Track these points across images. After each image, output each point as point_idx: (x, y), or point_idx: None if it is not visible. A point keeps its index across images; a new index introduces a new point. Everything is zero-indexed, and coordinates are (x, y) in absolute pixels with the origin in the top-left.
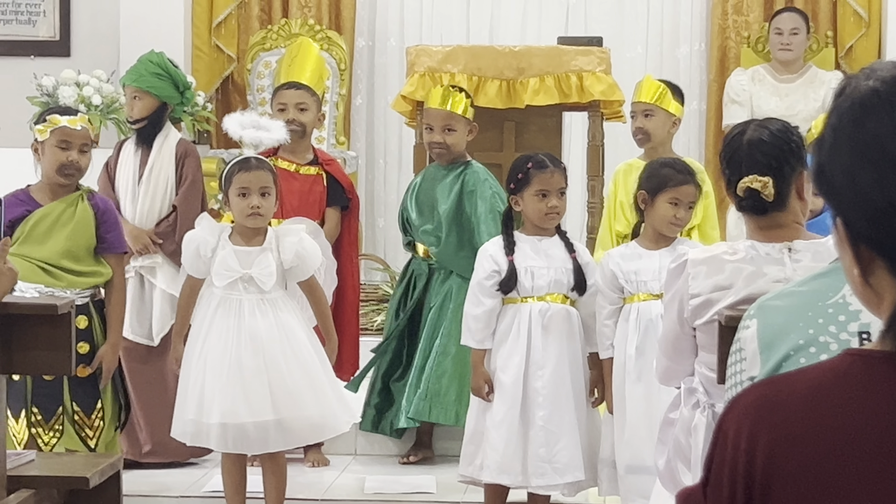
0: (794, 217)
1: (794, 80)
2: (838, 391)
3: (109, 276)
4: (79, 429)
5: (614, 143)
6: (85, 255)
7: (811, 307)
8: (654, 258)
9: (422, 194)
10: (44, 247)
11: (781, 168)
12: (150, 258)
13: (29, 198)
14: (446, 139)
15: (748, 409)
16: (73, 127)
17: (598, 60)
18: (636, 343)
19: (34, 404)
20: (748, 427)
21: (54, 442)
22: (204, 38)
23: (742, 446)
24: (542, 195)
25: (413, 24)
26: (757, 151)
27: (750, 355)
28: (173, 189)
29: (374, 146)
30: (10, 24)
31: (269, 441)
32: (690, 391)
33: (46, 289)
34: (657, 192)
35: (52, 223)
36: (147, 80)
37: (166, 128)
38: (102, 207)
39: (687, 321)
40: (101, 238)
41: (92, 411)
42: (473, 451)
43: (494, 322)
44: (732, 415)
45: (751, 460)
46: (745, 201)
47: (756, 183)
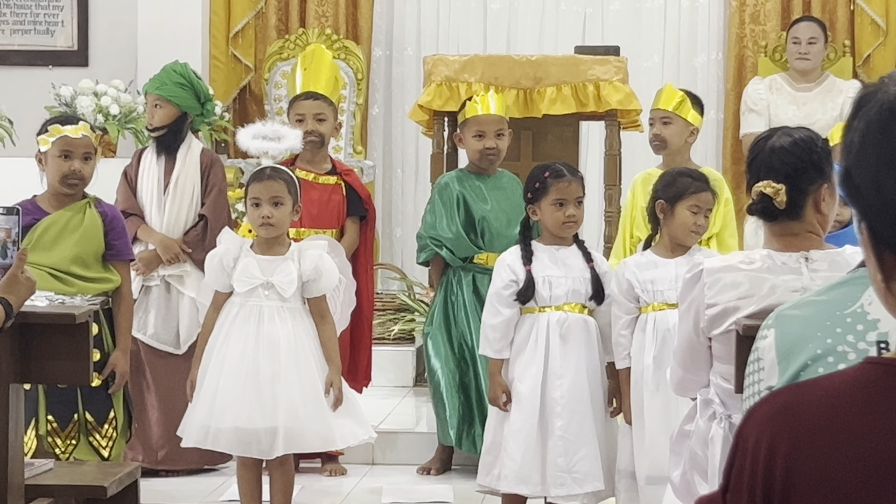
0: (809, 227)
1: (812, 88)
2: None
3: (118, 282)
4: (91, 438)
5: (631, 152)
6: (93, 262)
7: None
8: (671, 267)
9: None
10: (52, 253)
11: (798, 177)
12: (178, 267)
13: (36, 207)
14: (499, 144)
15: (768, 417)
16: (75, 136)
17: (616, 70)
18: (653, 353)
19: (49, 412)
20: (768, 435)
21: (70, 450)
22: (221, 48)
23: (762, 454)
24: (559, 204)
25: (430, 33)
26: (776, 158)
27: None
28: (199, 198)
29: (391, 155)
30: (29, 34)
31: (278, 446)
32: (706, 402)
33: (57, 296)
34: (677, 201)
35: (59, 230)
36: (170, 88)
37: (189, 138)
38: (110, 215)
39: (703, 331)
40: (110, 245)
41: (104, 420)
42: (491, 461)
43: (512, 332)
44: (752, 422)
45: (770, 468)
46: (755, 205)
47: (769, 189)
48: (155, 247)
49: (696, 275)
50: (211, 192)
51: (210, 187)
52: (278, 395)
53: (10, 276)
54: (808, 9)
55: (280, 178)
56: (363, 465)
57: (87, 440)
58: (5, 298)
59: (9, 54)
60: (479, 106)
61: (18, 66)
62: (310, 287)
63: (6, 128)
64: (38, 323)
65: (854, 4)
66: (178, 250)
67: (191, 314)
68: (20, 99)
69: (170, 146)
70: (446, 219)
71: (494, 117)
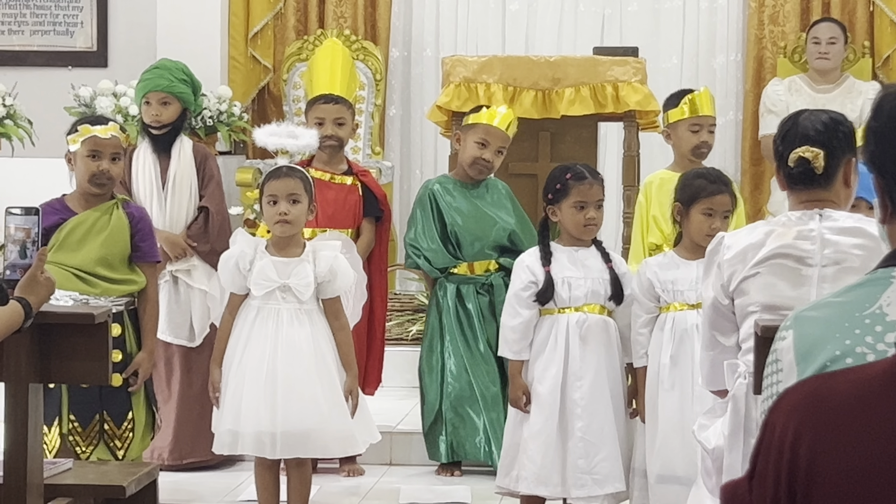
0: (834, 197)
1: (832, 90)
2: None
3: (143, 284)
4: (108, 439)
5: (650, 153)
6: (119, 264)
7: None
8: (692, 268)
9: (464, 213)
10: (78, 254)
11: (832, 144)
12: (185, 261)
13: (64, 206)
14: (495, 161)
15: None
16: (104, 136)
17: (634, 71)
18: (671, 352)
19: (71, 412)
20: (794, 424)
21: (91, 450)
22: (240, 49)
23: (787, 442)
24: (580, 207)
25: (448, 34)
26: (810, 127)
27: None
28: (197, 192)
29: (409, 156)
30: (49, 35)
31: (297, 448)
32: (732, 367)
33: (81, 296)
34: (691, 204)
35: (86, 231)
36: (178, 86)
37: (181, 134)
38: (138, 216)
39: (723, 289)
40: (136, 247)
41: (123, 421)
42: (510, 462)
43: (532, 333)
44: (780, 409)
45: (794, 457)
46: (794, 170)
47: (808, 153)
48: (160, 245)
49: (718, 241)
50: (208, 184)
51: (207, 180)
52: (299, 399)
53: (29, 276)
54: (827, 10)
55: (296, 176)
56: (381, 466)
57: (104, 441)
58: (25, 298)
59: (28, 55)
60: (494, 117)
61: (38, 66)
62: (325, 288)
63: (26, 128)
64: (58, 323)
65: (874, 5)
66: (185, 245)
67: (202, 306)
68: (40, 99)
69: (168, 143)
70: (425, 229)
71: (502, 133)
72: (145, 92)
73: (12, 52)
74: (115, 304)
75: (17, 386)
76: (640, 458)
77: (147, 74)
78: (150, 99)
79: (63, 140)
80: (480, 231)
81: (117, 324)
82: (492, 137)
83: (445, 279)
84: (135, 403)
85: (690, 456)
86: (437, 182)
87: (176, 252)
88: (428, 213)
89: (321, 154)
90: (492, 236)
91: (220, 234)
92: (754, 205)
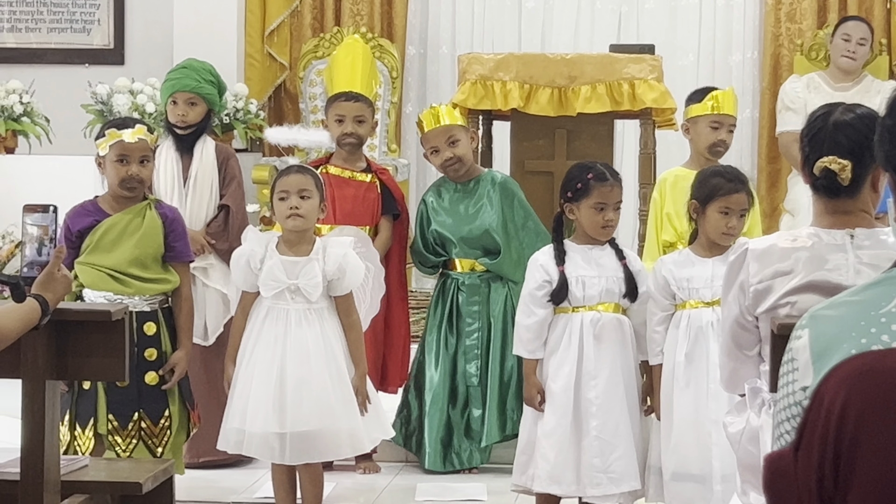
0: (862, 206)
1: (850, 88)
2: None
3: (177, 283)
4: (145, 436)
5: (666, 150)
6: (152, 263)
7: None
8: (707, 266)
9: (451, 213)
10: (112, 255)
11: (862, 154)
12: (203, 259)
13: (97, 208)
14: (455, 152)
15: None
16: (131, 141)
17: (651, 68)
18: (686, 350)
19: (109, 411)
20: (844, 394)
21: (132, 449)
22: (257, 47)
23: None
24: (599, 208)
25: (465, 31)
26: (841, 134)
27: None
28: (218, 191)
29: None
30: (65, 32)
31: (305, 453)
32: (755, 391)
33: (115, 296)
34: (708, 202)
35: (119, 233)
36: (205, 87)
37: (204, 133)
38: (171, 217)
39: (748, 309)
40: (169, 247)
41: (159, 419)
42: (526, 460)
43: (546, 332)
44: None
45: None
46: (819, 181)
47: (835, 165)
48: None
49: (741, 255)
50: (230, 184)
51: (228, 180)
52: (307, 401)
53: (46, 274)
54: (844, 7)
55: (307, 173)
56: (397, 463)
57: (142, 439)
58: (42, 296)
59: (46, 52)
60: (424, 123)
61: (55, 64)
62: (335, 285)
63: (43, 125)
64: (75, 320)
65: (891, 3)
66: (203, 242)
67: (217, 306)
68: (57, 97)
69: (191, 143)
70: (416, 232)
71: (440, 129)
72: (172, 92)
73: (30, 50)
74: (149, 302)
75: (34, 383)
76: (656, 455)
77: (174, 74)
78: (176, 99)
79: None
80: (459, 229)
81: (152, 322)
82: (435, 141)
83: (441, 276)
84: (170, 401)
85: (705, 454)
86: (431, 188)
87: (195, 248)
88: (419, 220)
89: (340, 151)
90: (469, 235)
91: (240, 233)
92: (771, 203)
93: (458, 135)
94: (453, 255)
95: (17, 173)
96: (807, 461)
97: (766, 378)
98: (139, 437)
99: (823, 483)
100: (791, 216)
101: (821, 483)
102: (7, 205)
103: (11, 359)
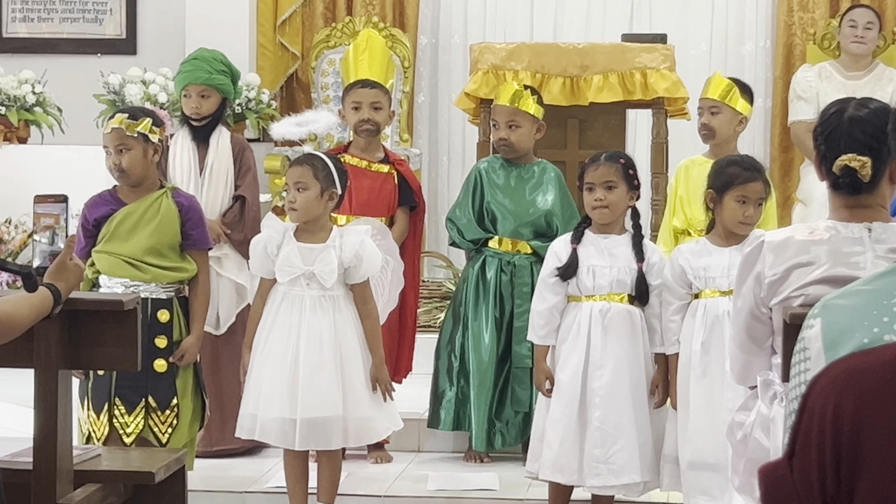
0: (880, 200)
1: (862, 76)
2: None
3: (194, 271)
4: (152, 424)
5: (678, 140)
6: (169, 252)
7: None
8: (724, 255)
9: (508, 191)
10: (128, 244)
11: (880, 148)
12: (218, 249)
13: (114, 197)
14: (510, 136)
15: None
16: (106, 132)
17: (663, 57)
18: (702, 339)
19: (117, 396)
20: (834, 397)
21: (137, 431)
22: (269, 36)
23: (828, 416)
24: (588, 189)
25: (477, 21)
26: (857, 129)
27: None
28: (233, 182)
29: (437, 144)
30: (78, 22)
31: (314, 439)
32: (767, 384)
33: (132, 282)
34: (724, 191)
35: (136, 221)
36: (217, 78)
37: (220, 124)
38: (187, 205)
39: (763, 301)
40: (186, 235)
41: (167, 407)
42: (539, 447)
43: (558, 319)
44: (818, 388)
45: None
46: (840, 179)
47: (855, 162)
48: None
49: (757, 247)
50: (245, 175)
51: (244, 171)
52: (317, 388)
53: (58, 263)
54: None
55: (308, 163)
56: (409, 453)
57: (149, 425)
58: (54, 285)
59: (58, 42)
60: (498, 95)
61: (67, 54)
62: (351, 273)
63: (55, 115)
64: (87, 310)
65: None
66: (219, 231)
67: (230, 296)
68: (69, 87)
69: (207, 133)
70: (464, 203)
71: (507, 108)
72: (184, 84)
73: (42, 40)
74: (166, 290)
75: (46, 372)
76: (671, 445)
77: (186, 66)
78: (189, 92)
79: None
80: (516, 208)
81: (165, 310)
82: (498, 116)
83: (477, 252)
84: (181, 390)
85: (721, 443)
86: (486, 160)
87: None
88: (470, 189)
89: (358, 140)
90: (527, 214)
91: (255, 224)
92: (784, 192)
93: (521, 122)
94: (499, 233)
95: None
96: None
97: (777, 371)
98: (146, 422)
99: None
100: (804, 206)
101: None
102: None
103: (24, 348)
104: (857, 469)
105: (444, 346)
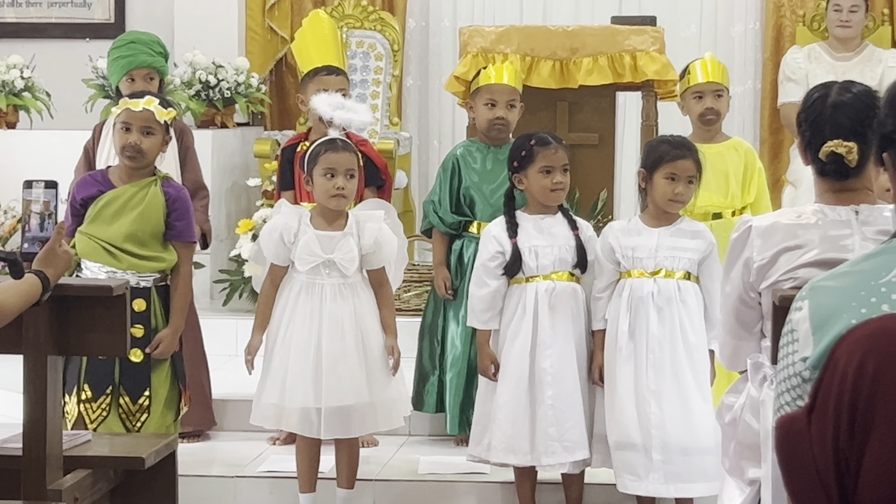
0: (867, 182)
1: (851, 58)
2: None
3: (174, 262)
4: (123, 413)
5: (668, 122)
6: (150, 240)
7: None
8: (653, 236)
9: (480, 172)
10: (110, 228)
11: (865, 133)
12: None
13: (105, 179)
14: (508, 115)
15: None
16: (135, 109)
17: (652, 40)
18: (628, 321)
19: (86, 381)
20: (859, 354)
21: (99, 420)
22: (258, 20)
23: (851, 372)
24: (546, 171)
25: (466, 4)
26: (842, 115)
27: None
28: (178, 166)
29: (427, 127)
30: (66, 6)
31: (338, 427)
32: (757, 366)
33: (107, 268)
34: (654, 169)
35: (121, 206)
36: (159, 60)
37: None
38: (174, 195)
39: (752, 286)
40: (171, 225)
41: (139, 398)
42: (481, 431)
43: (500, 303)
44: (846, 344)
45: (857, 387)
46: (827, 166)
47: (841, 148)
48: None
49: (745, 232)
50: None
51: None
52: (341, 377)
53: (47, 250)
54: None
55: (352, 150)
56: (400, 437)
57: (117, 413)
58: (43, 271)
59: (46, 27)
60: (493, 74)
61: (56, 38)
62: (369, 259)
63: (44, 100)
64: (76, 296)
65: None
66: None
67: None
68: (58, 72)
69: None
70: (441, 189)
71: (507, 87)
72: (129, 69)
73: (30, 24)
74: (144, 279)
75: (36, 358)
76: (601, 424)
77: (125, 51)
78: (134, 76)
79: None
80: (492, 190)
81: (142, 299)
82: (497, 95)
83: (456, 237)
84: (156, 380)
85: (645, 424)
86: (461, 146)
87: None
88: (448, 174)
89: (319, 126)
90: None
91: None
92: (773, 174)
93: (517, 102)
94: (478, 218)
95: (19, 148)
96: (822, 422)
97: (767, 354)
98: (114, 411)
99: (839, 443)
100: (794, 187)
101: (836, 443)
102: (8, 180)
103: (13, 335)
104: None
105: (426, 330)
